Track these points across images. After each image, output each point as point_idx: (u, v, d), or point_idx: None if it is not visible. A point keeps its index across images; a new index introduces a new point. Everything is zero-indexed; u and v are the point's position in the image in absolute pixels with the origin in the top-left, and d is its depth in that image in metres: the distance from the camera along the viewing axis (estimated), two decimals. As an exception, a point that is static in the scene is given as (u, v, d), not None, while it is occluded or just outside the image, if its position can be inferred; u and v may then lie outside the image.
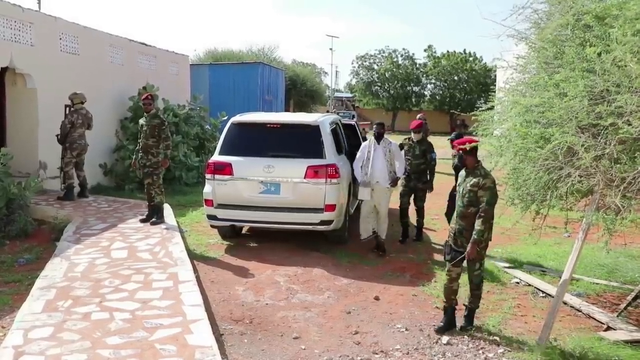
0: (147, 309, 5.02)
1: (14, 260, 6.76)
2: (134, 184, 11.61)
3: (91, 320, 4.74)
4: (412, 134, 8.17)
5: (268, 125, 7.75)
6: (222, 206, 7.42)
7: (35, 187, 8.47)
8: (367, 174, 7.29)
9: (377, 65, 52.45)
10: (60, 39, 10.85)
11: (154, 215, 8.36)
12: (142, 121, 8.35)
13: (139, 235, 7.67)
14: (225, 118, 12.90)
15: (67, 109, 10.07)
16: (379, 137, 7.39)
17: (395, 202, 8.17)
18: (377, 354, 4.56)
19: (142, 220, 8.36)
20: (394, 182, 7.41)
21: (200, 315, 4.87)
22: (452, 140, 7.67)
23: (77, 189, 10.05)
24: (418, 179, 8.08)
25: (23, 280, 6.07)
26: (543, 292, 6.08)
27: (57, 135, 9.85)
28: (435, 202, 9.60)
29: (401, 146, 7.98)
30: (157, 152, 8.16)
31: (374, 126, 7.65)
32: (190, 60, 17.76)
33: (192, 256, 7.05)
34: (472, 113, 5.90)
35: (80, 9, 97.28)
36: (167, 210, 9.37)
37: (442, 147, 12.40)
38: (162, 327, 4.61)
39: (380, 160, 7.31)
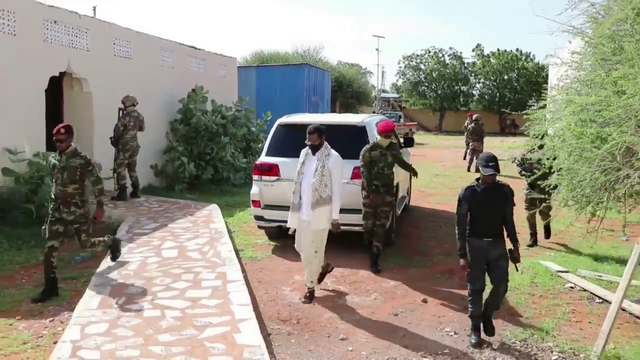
0: (197, 307, 5.12)
1: (71, 258, 7.00)
2: (184, 185, 11.90)
3: (143, 317, 4.88)
4: (379, 137, 6.74)
5: (314, 127, 7.74)
6: (269, 207, 7.49)
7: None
8: (295, 192, 5.70)
9: (424, 65, 51.78)
10: (114, 43, 11.21)
11: (112, 251, 6.54)
12: (54, 161, 5.86)
13: (189, 235, 7.83)
14: (270, 118, 13.00)
15: (120, 111, 10.40)
16: (314, 149, 5.61)
17: (446, 203, 7.75)
18: (425, 357, 4.49)
19: (35, 300, 5.46)
20: (333, 226, 5.67)
21: (248, 315, 4.94)
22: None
23: (129, 189, 10.36)
24: (387, 191, 6.73)
25: (79, 277, 6.29)
26: (599, 297, 5.84)
27: (110, 138, 10.19)
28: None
29: (368, 159, 6.58)
30: (81, 202, 5.79)
31: (307, 134, 5.61)
32: (237, 63, 18.03)
33: (240, 256, 7.15)
34: (523, 112, 5.74)
35: (132, 14, 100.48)
36: (216, 210, 9.54)
37: (490, 148, 12.19)
38: (211, 326, 4.69)
39: (308, 179, 5.58)
